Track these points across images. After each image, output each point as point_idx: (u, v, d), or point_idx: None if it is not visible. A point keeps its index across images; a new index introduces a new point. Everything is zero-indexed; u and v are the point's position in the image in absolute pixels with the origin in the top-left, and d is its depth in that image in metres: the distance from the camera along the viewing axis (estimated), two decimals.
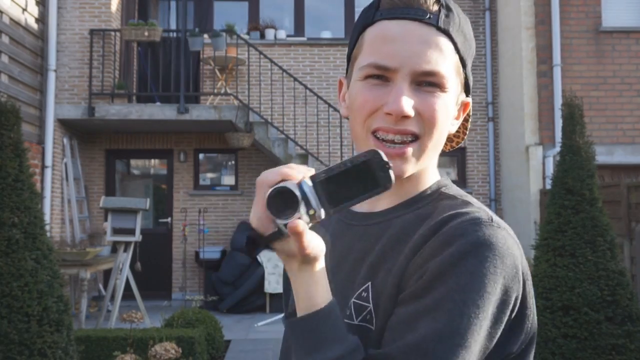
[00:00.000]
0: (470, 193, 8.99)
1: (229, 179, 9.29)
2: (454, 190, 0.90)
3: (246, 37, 8.85)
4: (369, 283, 0.82)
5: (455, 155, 9.33)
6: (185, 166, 9.05)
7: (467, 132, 1.00)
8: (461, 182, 9.24)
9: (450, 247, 0.75)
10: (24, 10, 7.28)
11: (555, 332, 3.75)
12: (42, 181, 7.48)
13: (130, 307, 7.11)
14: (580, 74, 7.90)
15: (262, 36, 9.19)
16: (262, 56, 8.41)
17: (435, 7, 0.83)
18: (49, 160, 7.60)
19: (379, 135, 0.83)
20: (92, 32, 8.12)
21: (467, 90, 0.92)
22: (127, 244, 6.46)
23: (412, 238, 0.81)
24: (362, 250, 0.86)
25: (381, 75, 0.82)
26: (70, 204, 8.04)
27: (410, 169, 0.84)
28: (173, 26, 9.73)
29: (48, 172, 7.58)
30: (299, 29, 9.51)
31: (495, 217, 0.80)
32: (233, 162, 9.27)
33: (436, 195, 0.88)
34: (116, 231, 6.27)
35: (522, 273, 0.79)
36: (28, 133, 7.23)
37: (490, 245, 0.75)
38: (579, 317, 3.73)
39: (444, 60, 0.83)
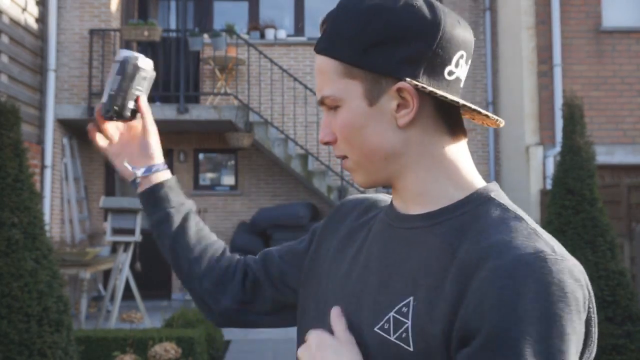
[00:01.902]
0: None
1: (228, 179, 9.28)
2: (504, 198, 0.84)
3: (246, 37, 8.85)
4: (411, 298, 0.77)
5: None
6: (185, 166, 9.05)
7: (475, 107, 0.87)
8: None
9: (519, 290, 0.68)
10: (24, 10, 7.28)
11: None
12: (41, 181, 7.48)
13: (130, 307, 7.11)
14: (580, 74, 7.90)
15: (262, 36, 9.19)
16: (262, 56, 8.41)
17: (322, 30, 0.86)
18: (48, 160, 7.59)
19: None
20: (92, 32, 8.12)
21: (396, 74, 0.81)
22: (127, 244, 6.46)
23: (457, 255, 0.76)
24: (401, 256, 0.83)
25: None
26: (70, 204, 8.04)
27: (361, 177, 0.88)
28: (173, 26, 9.72)
29: (48, 172, 7.58)
30: (299, 28, 9.51)
31: (558, 247, 0.74)
32: (233, 162, 9.26)
33: (482, 200, 0.82)
34: (116, 231, 6.27)
35: (590, 304, 0.75)
36: (28, 133, 7.23)
37: (561, 284, 0.69)
38: None
39: (326, 80, 0.85)
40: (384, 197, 1.00)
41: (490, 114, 0.89)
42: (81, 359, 4.39)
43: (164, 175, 1.16)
